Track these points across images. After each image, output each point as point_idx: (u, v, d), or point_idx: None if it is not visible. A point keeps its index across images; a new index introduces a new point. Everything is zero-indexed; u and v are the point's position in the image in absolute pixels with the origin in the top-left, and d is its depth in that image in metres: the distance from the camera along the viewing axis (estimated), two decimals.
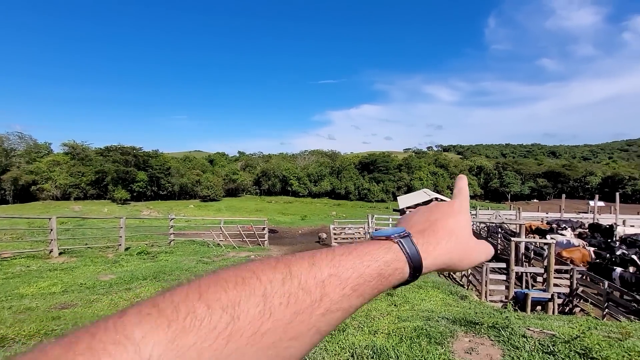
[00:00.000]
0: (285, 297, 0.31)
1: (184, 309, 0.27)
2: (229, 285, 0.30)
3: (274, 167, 71.91)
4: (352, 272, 0.35)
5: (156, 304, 0.28)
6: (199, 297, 0.29)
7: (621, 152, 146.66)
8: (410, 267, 0.39)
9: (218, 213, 39.82)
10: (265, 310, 0.30)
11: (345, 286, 0.34)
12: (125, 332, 0.25)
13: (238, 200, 63.10)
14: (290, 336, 0.31)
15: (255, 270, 0.32)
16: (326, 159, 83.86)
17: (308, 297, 0.32)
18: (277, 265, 0.34)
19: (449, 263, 0.43)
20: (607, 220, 22.16)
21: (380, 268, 0.37)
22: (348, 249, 0.38)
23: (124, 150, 56.52)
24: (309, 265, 0.34)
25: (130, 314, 0.27)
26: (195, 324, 0.27)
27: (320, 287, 0.33)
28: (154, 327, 0.26)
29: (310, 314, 0.32)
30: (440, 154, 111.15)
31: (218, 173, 67.37)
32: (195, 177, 61.64)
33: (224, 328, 0.27)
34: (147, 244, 13.43)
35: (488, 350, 3.47)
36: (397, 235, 0.41)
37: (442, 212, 0.47)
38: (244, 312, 0.29)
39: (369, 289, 0.36)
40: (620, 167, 79.40)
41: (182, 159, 75.83)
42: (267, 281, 0.31)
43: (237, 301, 0.29)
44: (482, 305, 6.58)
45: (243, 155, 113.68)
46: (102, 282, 7.47)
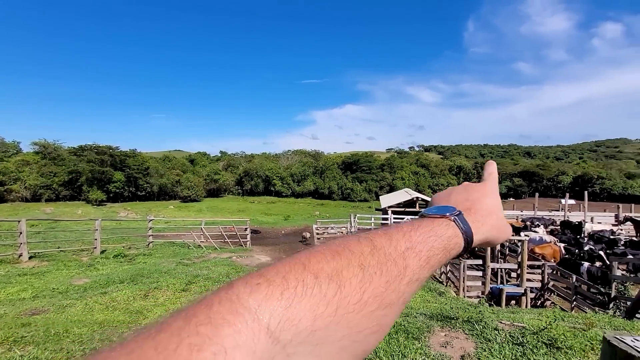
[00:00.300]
0: (377, 267, 0.33)
1: (293, 278, 0.28)
2: (327, 257, 0.31)
3: (256, 167, 71.22)
4: (424, 245, 0.38)
5: (262, 275, 0.29)
6: (303, 268, 0.30)
7: (590, 153, 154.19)
8: (465, 242, 0.43)
9: (199, 214, 39.10)
10: (365, 279, 0.31)
11: (420, 258, 0.37)
12: (240, 301, 0.26)
13: (220, 200, 62.11)
14: (385, 304, 0.32)
15: (346, 244, 0.34)
16: (309, 158, 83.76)
17: (395, 267, 0.34)
18: (360, 239, 0.36)
19: (490, 238, 0.47)
20: (577, 218, 23.32)
21: (444, 243, 0.40)
22: (413, 226, 0.41)
23: (99, 150, 54.49)
24: (387, 239, 0.37)
25: (238, 285, 0.28)
26: (307, 292, 0.28)
27: (402, 259, 0.35)
28: (268, 295, 0.26)
29: (398, 283, 0.34)
30: (421, 154, 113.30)
31: (199, 173, 66.11)
32: (175, 177, 60.21)
33: (333, 296, 0.28)
34: (124, 246, 13.04)
35: (462, 344, 3.60)
36: (452, 213, 0.44)
37: (479, 192, 0.50)
38: (348, 281, 0.30)
39: (436, 261, 0.39)
40: (589, 167, 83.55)
41: (161, 158, 73.82)
42: (359, 253, 0.33)
43: (339, 270, 0.30)
44: (459, 300, 6.79)
45: (225, 155, 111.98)
46: (75, 287, 7.20)
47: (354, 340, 0.30)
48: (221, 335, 0.23)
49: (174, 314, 0.26)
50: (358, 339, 0.30)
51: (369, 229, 0.41)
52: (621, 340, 0.83)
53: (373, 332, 0.31)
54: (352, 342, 0.30)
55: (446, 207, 0.46)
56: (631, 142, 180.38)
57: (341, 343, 0.29)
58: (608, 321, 5.02)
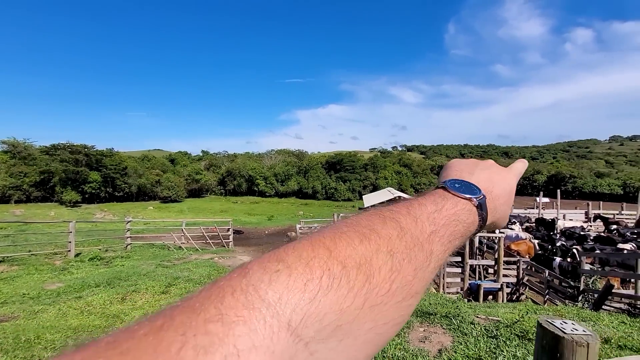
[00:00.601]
0: (406, 253, 0.30)
1: (318, 267, 0.25)
2: (355, 242, 0.28)
3: (239, 167, 70.35)
4: (446, 230, 0.36)
5: (281, 258, 0.25)
6: (329, 254, 0.26)
7: (563, 153, 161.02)
8: (479, 227, 0.42)
9: (180, 215, 38.27)
10: (394, 268, 0.29)
11: (443, 242, 0.35)
12: (258, 293, 0.22)
13: (202, 201, 60.99)
14: (412, 293, 0.30)
15: (372, 226, 0.31)
16: (293, 158, 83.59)
17: (421, 252, 0.32)
18: (386, 219, 0.33)
19: (496, 223, 0.46)
20: (551, 215, 24.31)
21: (464, 229, 0.39)
22: (437, 206, 0.38)
23: (73, 149, 52.33)
24: (413, 220, 0.34)
25: (255, 271, 0.24)
26: (334, 284, 0.25)
27: (428, 243, 0.33)
28: (289, 286, 0.23)
29: (425, 271, 0.31)
30: (404, 154, 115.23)
31: (180, 173, 64.65)
32: (154, 177, 58.64)
33: (361, 287, 0.26)
34: (100, 248, 12.62)
35: (440, 338, 3.71)
36: (477, 197, 0.41)
37: (501, 176, 0.48)
38: (377, 270, 0.27)
39: (453, 246, 0.37)
40: (562, 166, 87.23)
41: (140, 158, 71.85)
42: (386, 237, 0.30)
43: (369, 258, 0.27)
44: (439, 297, 6.96)
45: (207, 154, 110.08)
46: (48, 292, 6.92)
47: (379, 332, 0.27)
48: (234, 335, 0.20)
49: (179, 305, 0.22)
50: (382, 331, 0.28)
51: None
52: (551, 323, 0.90)
53: (397, 324, 0.29)
54: (376, 335, 0.27)
55: (472, 186, 0.43)
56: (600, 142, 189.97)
57: (366, 336, 0.26)
58: (576, 313, 5.29)
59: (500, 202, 0.45)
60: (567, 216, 25.06)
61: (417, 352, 3.37)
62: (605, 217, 22.65)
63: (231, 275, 0.24)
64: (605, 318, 4.96)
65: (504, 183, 0.47)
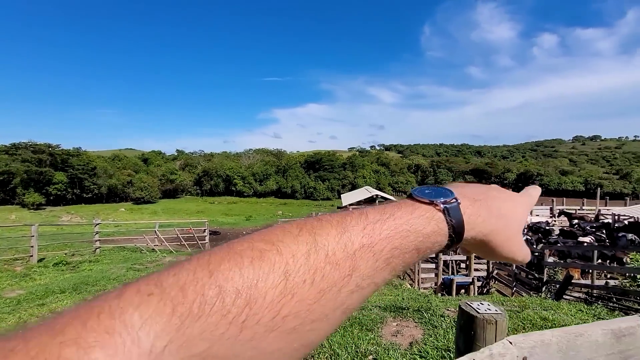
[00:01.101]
0: (310, 273, 0.26)
1: (192, 291, 0.23)
2: (245, 262, 0.25)
3: (216, 167, 69.09)
4: (387, 243, 0.30)
5: (159, 282, 0.24)
6: (209, 276, 0.24)
7: (532, 152, 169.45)
8: (450, 239, 0.34)
9: (154, 216, 37.11)
10: (287, 291, 0.25)
11: (378, 259, 0.30)
12: (122, 317, 0.21)
13: (177, 201, 59.35)
14: (314, 318, 0.26)
15: (275, 241, 0.27)
16: (272, 157, 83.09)
17: (336, 272, 0.28)
18: (300, 233, 0.29)
19: (488, 244, 0.37)
20: None
21: (418, 241, 0.32)
22: (383, 214, 0.32)
23: (36, 148, 49.50)
24: (337, 234, 0.29)
25: (128, 293, 0.23)
26: (205, 310, 0.23)
27: (351, 261, 0.28)
28: (157, 312, 0.22)
29: (337, 292, 0.27)
30: (382, 153, 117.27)
31: (153, 173, 62.64)
32: (126, 177, 56.49)
33: (239, 314, 0.23)
34: (66, 253, 11.98)
35: (412, 332, 3.81)
36: (444, 200, 0.34)
37: (503, 193, 0.41)
38: (262, 295, 0.24)
39: (401, 262, 0.32)
40: (530, 165, 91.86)
41: (110, 158, 69.01)
42: (289, 254, 0.27)
43: (254, 282, 0.24)
44: (413, 292, 7.15)
45: (182, 153, 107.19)
46: (7, 300, 6.52)
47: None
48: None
49: (42, 325, 0.21)
50: (272, 359, 0.25)
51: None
52: (468, 305, 0.97)
53: (294, 350, 0.26)
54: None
55: (445, 190, 0.36)
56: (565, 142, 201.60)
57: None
58: (539, 303, 5.59)
59: (491, 211, 0.37)
60: (533, 212, 26.40)
61: (389, 346, 3.45)
62: (569, 213, 24.05)
63: (109, 293, 0.23)
64: (565, 307, 5.28)
65: (503, 199, 0.39)
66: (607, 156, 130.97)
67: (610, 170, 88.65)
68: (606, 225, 19.14)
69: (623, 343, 0.68)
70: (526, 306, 5.01)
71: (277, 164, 75.79)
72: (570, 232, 17.19)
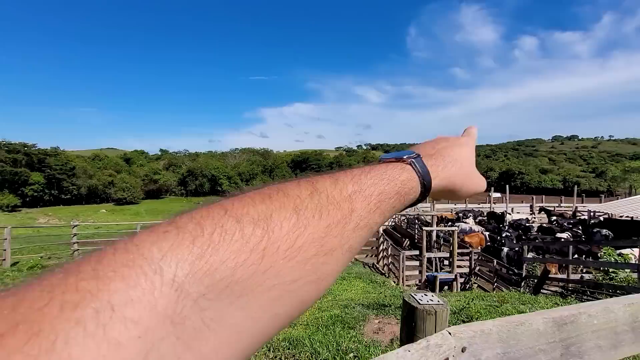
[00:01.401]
0: (317, 210, 0.29)
1: (210, 224, 0.24)
2: (256, 200, 0.28)
3: (201, 166, 67.97)
4: (374, 189, 0.35)
5: (173, 222, 0.24)
6: (224, 213, 0.25)
7: (513, 151, 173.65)
8: (422, 186, 0.40)
9: (136, 217, 36.23)
10: (300, 223, 0.27)
11: (369, 202, 0.34)
12: (140, 251, 0.21)
13: (160, 202, 58.16)
14: (326, 250, 0.29)
15: (280, 187, 0.30)
16: (258, 157, 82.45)
17: (338, 211, 0.31)
18: (301, 182, 0.32)
19: (451, 186, 0.44)
20: (501, 209, 26.19)
21: (398, 187, 0.37)
22: (365, 170, 0.37)
23: (10, 148, 47.55)
24: (332, 182, 0.33)
25: (143, 234, 0.23)
26: (226, 238, 0.23)
27: (348, 202, 0.32)
28: (176, 244, 0.22)
29: (342, 228, 0.30)
30: (368, 152, 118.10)
31: (136, 173, 61.23)
32: (107, 177, 54.94)
33: (258, 242, 0.25)
34: (42, 256, 11.57)
35: (393, 328, 3.84)
36: (409, 156, 0.41)
37: (448, 142, 0.48)
38: (278, 225, 0.26)
39: (388, 206, 0.36)
40: (512, 163, 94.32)
41: (90, 157, 67.02)
42: (295, 196, 0.29)
43: (268, 214, 0.26)
44: (396, 289, 7.21)
45: (166, 153, 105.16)
46: None
47: (287, 290, 0.26)
48: (108, 291, 0.19)
49: (55, 269, 0.21)
50: (292, 289, 0.26)
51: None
52: (412, 296, 0.97)
53: (310, 282, 0.28)
54: (284, 292, 0.26)
55: (404, 151, 0.43)
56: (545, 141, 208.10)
57: (271, 294, 0.25)
58: (518, 297, 5.73)
59: (446, 159, 0.44)
60: (515, 209, 27.17)
61: (370, 343, 3.46)
62: (549, 210, 24.84)
63: (119, 240, 0.23)
64: (542, 301, 5.43)
65: (451, 146, 0.47)
66: (584, 155, 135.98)
67: (587, 168, 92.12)
68: (582, 222, 19.84)
69: (564, 331, 0.69)
70: (505, 301, 5.13)
71: (263, 163, 75.35)
72: (549, 228, 17.75)
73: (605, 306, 0.70)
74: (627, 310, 0.70)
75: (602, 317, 0.70)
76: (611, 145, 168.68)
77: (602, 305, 0.71)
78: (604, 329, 0.71)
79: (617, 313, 0.69)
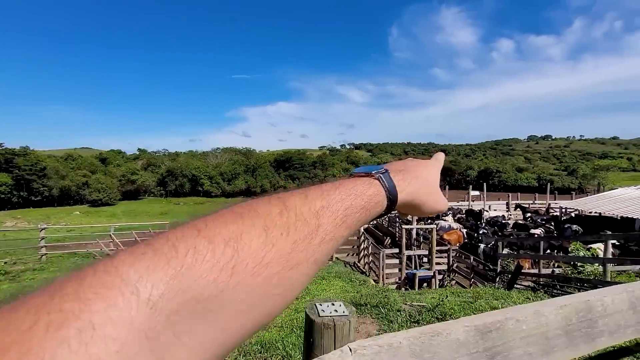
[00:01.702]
0: (285, 227, 0.31)
1: (183, 246, 0.26)
2: (228, 219, 0.30)
3: (181, 166, 66.34)
4: (341, 204, 0.37)
5: (150, 244, 0.26)
6: (197, 234, 0.27)
7: (491, 150, 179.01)
8: (388, 199, 0.42)
9: (112, 219, 35.01)
10: (268, 241, 0.30)
11: (336, 217, 0.36)
12: (119, 273, 0.23)
13: (138, 203, 56.41)
14: (292, 264, 0.31)
15: (252, 205, 0.33)
16: (240, 156, 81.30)
17: (305, 227, 0.33)
18: (271, 200, 0.34)
19: (416, 202, 0.47)
20: (479, 206, 26.86)
21: (364, 201, 0.39)
22: (334, 185, 0.39)
23: None
24: (302, 198, 0.35)
25: (121, 255, 0.25)
26: (198, 259, 0.26)
27: (316, 218, 0.34)
28: (152, 266, 0.24)
29: (308, 243, 0.33)
30: (351, 152, 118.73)
31: (112, 173, 59.13)
32: (81, 178, 52.74)
33: (228, 261, 0.27)
34: (7, 261, 10.94)
35: (367, 328, 3.80)
36: (377, 171, 0.43)
37: (417, 162, 0.52)
38: (247, 244, 0.28)
39: (354, 220, 0.38)
40: (490, 162, 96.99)
41: (63, 157, 64.14)
42: (265, 214, 0.32)
43: (239, 234, 0.29)
44: (375, 288, 7.21)
45: (144, 152, 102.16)
46: None
47: (254, 303, 0.28)
48: (89, 311, 0.21)
49: (37, 289, 0.22)
50: (259, 302, 0.29)
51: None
52: (315, 307, 0.91)
53: (277, 294, 0.30)
54: (252, 306, 0.28)
55: (374, 166, 0.46)
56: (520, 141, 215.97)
57: (238, 307, 0.27)
58: (492, 293, 5.83)
59: (412, 176, 0.47)
60: (492, 207, 27.92)
61: None
62: (524, 207, 25.67)
63: (99, 260, 0.25)
64: (514, 295, 5.55)
65: (418, 165, 0.51)
66: (557, 154, 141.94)
67: (560, 167, 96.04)
68: (555, 218, 20.63)
69: (489, 339, 0.64)
70: (479, 297, 5.20)
71: (246, 163, 74.23)
72: (524, 224, 18.35)
73: (536, 309, 0.65)
74: (560, 312, 0.66)
75: (532, 321, 0.65)
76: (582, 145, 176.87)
77: (532, 308, 0.65)
78: (534, 335, 0.66)
79: (548, 317, 0.64)
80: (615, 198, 16.55)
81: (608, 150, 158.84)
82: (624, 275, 6.86)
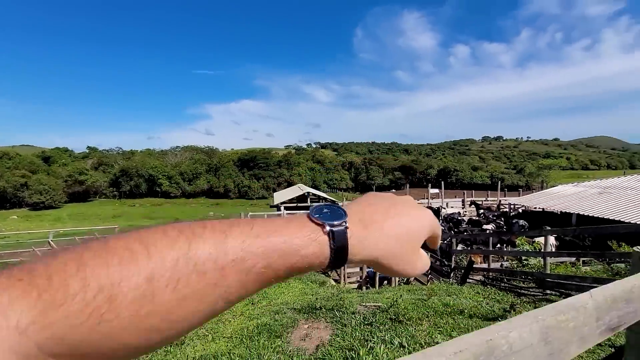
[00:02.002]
0: (174, 279, 0.28)
1: (57, 281, 0.25)
2: (114, 261, 0.27)
3: (137, 165, 62.38)
4: (261, 259, 0.31)
5: (31, 270, 0.26)
6: (76, 270, 0.26)
7: (449, 150, 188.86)
8: (329, 263, 0.35)
9: (57, 223, 32.07)
10: (148, 293, 0.27)
11: (248, 273, 0.31)
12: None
13: (88, 205, 52.30)
14: (173, 319, 0.28)
15: (149, 244, 0.29)
16: (202, 155, 78.30)
17: (202, 281, 0.29)
18: (179, 238, 0.30)
19: (380, 264, 0.38)
20: (438, 204, 28.10)
21: (294, 261, 0.33)
22: (268, 229, 0.33)
23: None
24: (214, 244, 0.30)
25: (1, 276, 0.25)
26: (67, 299, 0.25)
27: (219, 273, 0.30)
28: (24, 294, 0.24)
29: (199, 300, 0.29)
30: (317, 151, 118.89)
31: (57, 173, 54.19)
32: (19, 179, 47.75)
33: (98, 307, 0.25)
34: None
35: (320, 333, 3.68)
36: (330, 224, 0.35)
37: (405, 209, 0.41)
38: (123, 293, 0.26)
39: (273, 277, 0.32)
40: (448, 161, 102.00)
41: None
42: (158, 259, 0.28)
43: (117, 281, 0.26)
44: (333, 288, 7.15)
45: (95, 151, 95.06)
46: None
47: (124, 344, 0.27)
48: None
49: None
50: (131, 345, 0.27)
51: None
52: None
53: (155, 344, 0.29)
54: (121, 346, 0.27)
55: (339, 211, 0.37)
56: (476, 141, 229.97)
57: (109, 346, 0.26)
58: (445, 289, 6.00)
59: (385, 235, 0.38)
60: (449, 204, 29.35)
61: (294, 352, 3.25)
62: (478, 203, 27.21)
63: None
64: (466, 290, 5.74)
65: (399, 216, 0.40)
66: (507, 154, 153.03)
67: (510, 165, 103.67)
68: (504, 214, 22.08)
69: None
70: (434, 293, 5.30)
71: (208, 162, 71.45)
72: (477, 220, 19.40)
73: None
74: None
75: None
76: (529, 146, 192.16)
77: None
78: None
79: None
80: (555, 195, 18.06)
81: (550, 150, 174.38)
82: (561, 266, 7.42)
